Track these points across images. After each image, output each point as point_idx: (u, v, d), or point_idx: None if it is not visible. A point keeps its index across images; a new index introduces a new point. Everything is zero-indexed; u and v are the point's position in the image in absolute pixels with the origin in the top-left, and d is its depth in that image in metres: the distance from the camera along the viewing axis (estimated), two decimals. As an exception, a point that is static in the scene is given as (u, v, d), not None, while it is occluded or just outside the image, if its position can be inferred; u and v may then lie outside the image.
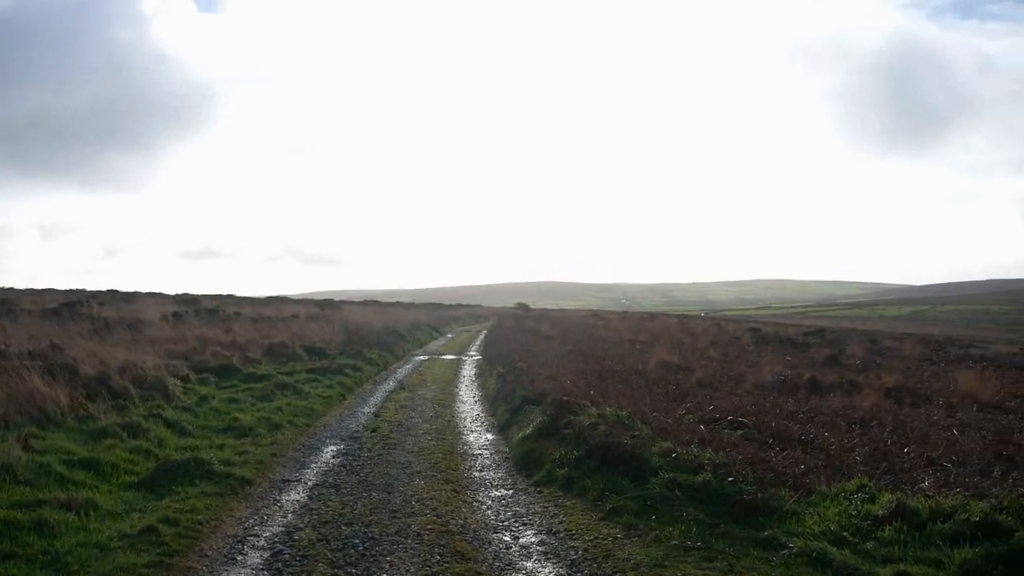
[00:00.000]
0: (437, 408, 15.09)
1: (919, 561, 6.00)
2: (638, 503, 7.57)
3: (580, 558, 6.43)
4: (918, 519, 6.67)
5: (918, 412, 13.88)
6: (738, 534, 6.70)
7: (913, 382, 18.24)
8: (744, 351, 27.76)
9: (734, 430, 11.23)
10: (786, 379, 17.57)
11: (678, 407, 13.09)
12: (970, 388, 16.58)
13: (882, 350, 29.40)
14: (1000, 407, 15.10)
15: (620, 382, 16.39)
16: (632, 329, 40.97)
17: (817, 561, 6.07)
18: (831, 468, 8.93)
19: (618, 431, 9.79)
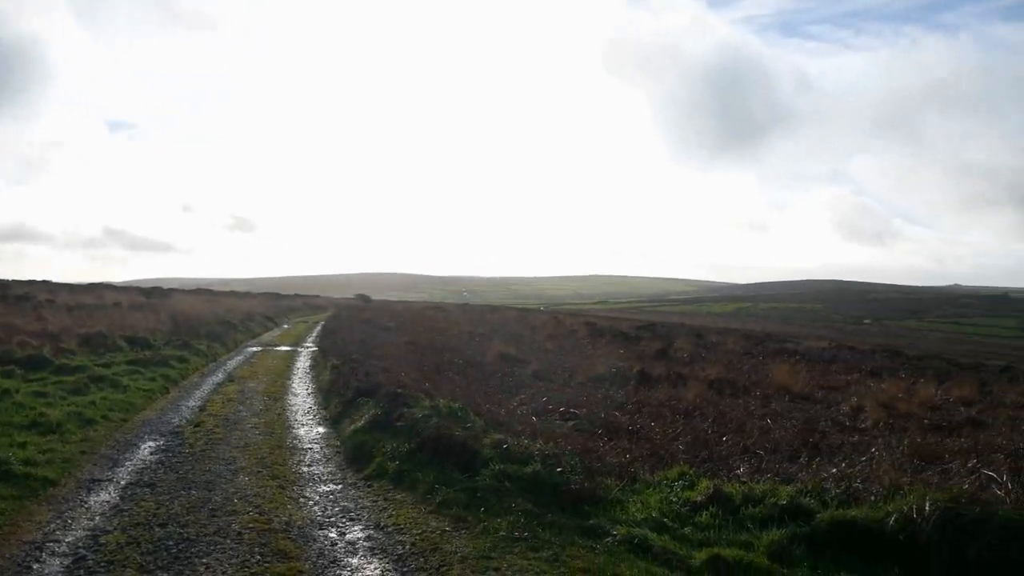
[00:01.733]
0: (267, 401, 14.57)
1: (732, 544, 6.29)
2: (468, 495, 7.55)
3: (407, 552, 6.33)
4: (732, 504, 7.00)
5: (737, 403, 14.66)
6: (565, 523, 6.80)
7: (734, 374, 19.27)
8: (580, 344, 28.49)
9: (566, 421, 11.46)
10: (618, 371, 18.12)
11: (512, 399, 13.23)
12: (784, 380, 17.70)
13: (708, 344, 30.95)
14: (809, 398, 16.20)
15: (457, 374, 16.41)
16: (473, 321, 41.24)
17: (639, 547, 6.25)
18: (655, 457, 9.25)
19: (451, 423, 9.75)
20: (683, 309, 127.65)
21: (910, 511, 5.99)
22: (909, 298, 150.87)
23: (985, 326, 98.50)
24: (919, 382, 19.73)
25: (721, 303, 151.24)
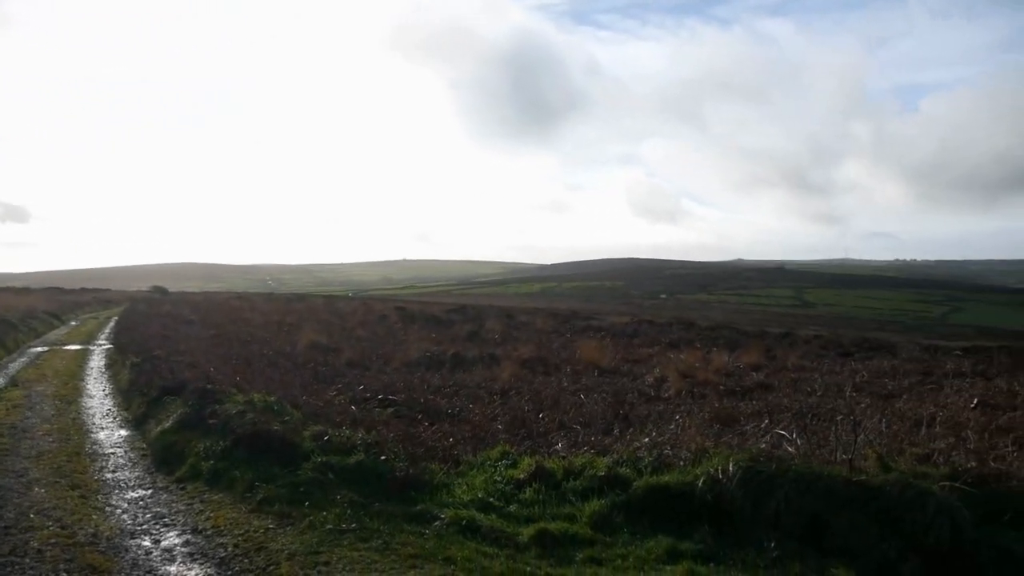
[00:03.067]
0: (60, 405, 13.47)
1: (556, 517, 6.52)
2: (291, 490, 7.37)
3: (230, 555, 6.09)
4: (554, 479, 7.24)
5: (550, 380, 15.14)
6: (392, 511, 6.79)
7: (545, 353, 19.86)
8: (392, 330, 28.35)
9: (385, 408, 11.39)
10: (433, 355, 18.21)
11: (329, 389, 12.98)
12: (592, 356, 18.46)
13: (518, 324, 31.67)
14: (616, 371, 16.99)
15: (268, 366, 15.88)
16: (279, 311, 39.98)
17: (467, 528, 6.34)
18: (477, 438, 9.40)
19: (268, 417, 9.45)
20: (491, 291, 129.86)
21: (716, 472, 6.44)
22: (699, 273, 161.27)
23: (765, 297, 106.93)
24: (713, 351, 21.20)
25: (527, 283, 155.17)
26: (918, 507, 5.84)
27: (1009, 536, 5.88)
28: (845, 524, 5.88)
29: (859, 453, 7.02)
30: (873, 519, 5.93)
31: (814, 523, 6.00)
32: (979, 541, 5.74)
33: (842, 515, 5.95)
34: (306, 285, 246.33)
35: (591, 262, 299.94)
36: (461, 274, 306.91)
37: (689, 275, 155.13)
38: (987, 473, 6.87)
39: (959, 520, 5.79)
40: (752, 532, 6.00)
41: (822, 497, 6.06)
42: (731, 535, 6.06)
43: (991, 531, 5.95)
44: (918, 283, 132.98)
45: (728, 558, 5.70)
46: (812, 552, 5.73)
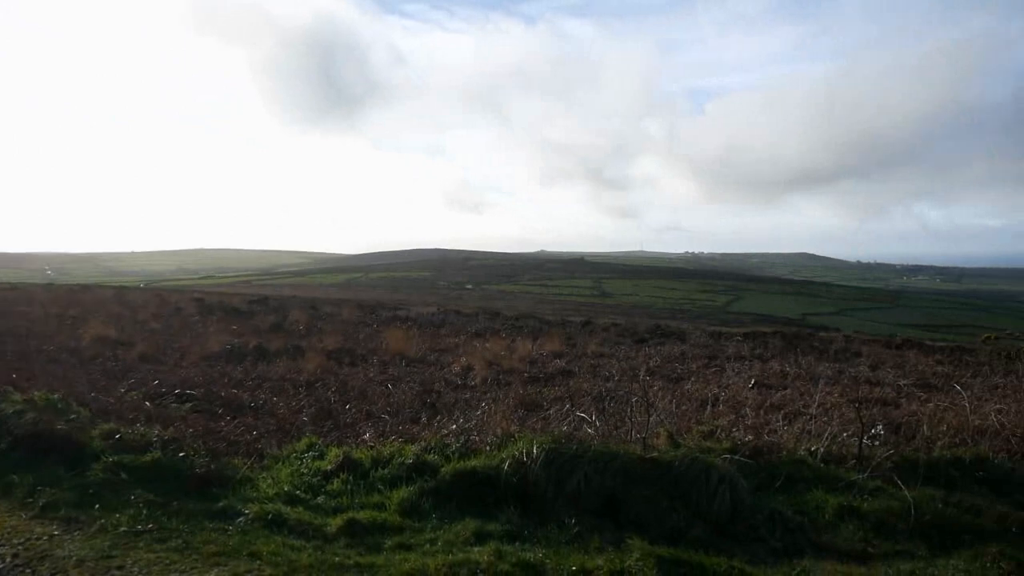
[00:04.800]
0: None
1: (365, 507, 6.52)
2: (78, 493, 6.89)
3: (9, 566, 5.63)
4: (363, 468, 7.23)
5: (357, 371, 15.03)
6: (193, 509, 6.52)
7: (352, 343, 19.66)
8: (189, 322, 26.99)
9: (183, 403, 10.89)
10: (233, 348, 17.55)
11: (120, 385, 12.22)
12: (399, 346, 18.48)
13: (323, 315, 31.07)
14: (423, 361, 17.10)
15: (50, 362, 14.71)
16: (61, 303, 36.95)
17: (273, 523, 6.21)
18: (282, 431, 9.21)
19: (51, 417, 8.76)
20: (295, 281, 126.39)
21: (521, 455, 6.68)
22: (504, 264, 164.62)
23: (567, 287, 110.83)
24: (517, 340, 21.81)
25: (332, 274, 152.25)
26: (703, 479, 6.34)
27: (779, 500, 6.52)
28: (639, 498, 6.28)
29: (652, 432, 7.51)
30: (664, 492, 6.37)
31: (612, 499, 6.37)
32: (755, 507, 6.31)
33: (637, 490, 6.35)
34: (92, 275, 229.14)
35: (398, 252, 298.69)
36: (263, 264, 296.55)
37: (495, 266, 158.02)
38: (762, 445, 7.57)
39: (738, 489, 6.34)
40: (555, 510, 6.28)
41: (619, 474, 6.43)
42: (536, 514, 6.30)
43: (765, 497, 6.57)
44: (705, 274, 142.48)
45: (533, 536, 5.94)
46: (610, 525, 6.08)
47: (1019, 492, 7.45)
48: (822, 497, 6.72)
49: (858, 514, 6.51)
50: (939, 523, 6.49)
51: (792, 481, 7.03)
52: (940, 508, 6.69)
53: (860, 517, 6.46)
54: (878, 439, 8.41)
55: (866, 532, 6.25)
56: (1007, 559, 5.79)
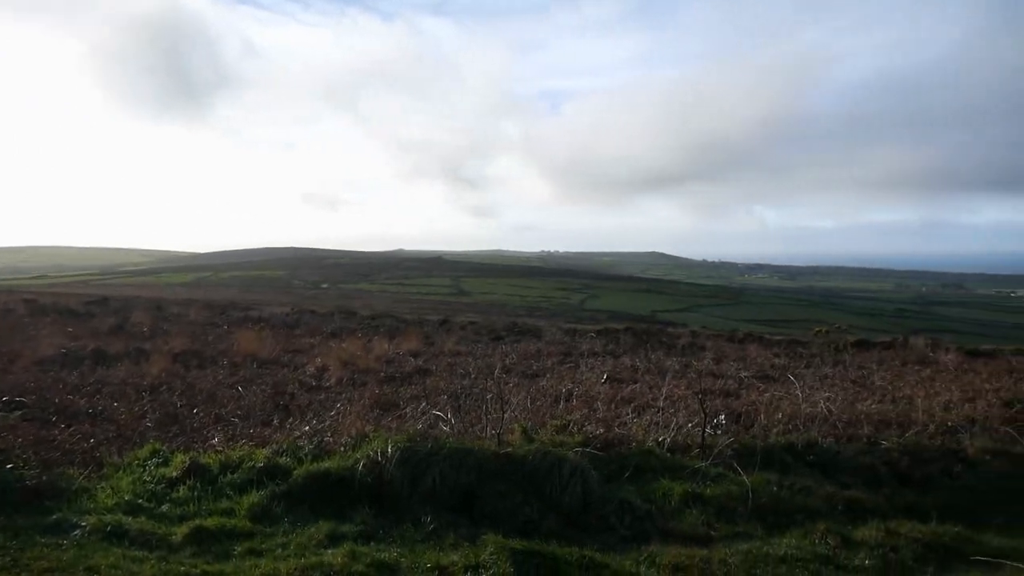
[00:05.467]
0: None
1: (213, 513, 6.29)
2: None
3: None
4: (211, 474, 6.97)
5: (205, 374, 14.46)
6: (23, 524, 6.10)
7: (200, 345, 18.89)
8: (19, 324, 25.18)
9: (11, 411, 10.16)
10: (69, 351, 16.53)
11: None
12: (251, 347, 17.91)
13: (169, 316, 29.71)
14: (277, 362, 16.66)
15: None
16: None
17: (113, 534, 5.90)
18: (123, 438, 8.76)
19: None
20: (139, 281, 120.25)
21: (375, 455, 6.62)
22: (361, 263, 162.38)
23: (425, 286, 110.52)
24: (374, 339, 21.57)
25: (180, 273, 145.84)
26: (556, 472, 6.49)
27: (628, 489, 6.76)
28: (494, 493, 6.36)
29: (507, 428, 7.61)
30: (518, 486, 6.47)
31: (467, 494, 6.42)
32: (606, 497, 6.51)
33: (492, 485, 6.43)
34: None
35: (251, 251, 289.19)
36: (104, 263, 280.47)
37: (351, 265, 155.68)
38: (612, 438, 7.82)
39: (589, 480, 6.53)
40: (411, 508, 6.26)
41: (474, 470, 6.49)
42: (391, 513, 6.27)
43: (615, 487, 6.79)
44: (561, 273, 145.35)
45: (388, 535, 5.90)
46: (465, 521, 6.13)
47: (844, 473, 8.02)
48: (668, 485, 7.01)
49: (702, 500, 6.83)
50: (774, 505, 6.91)
51: (641, 471, 7.30)
52: (775, 491, 7.12)
53: (703, 503, 6.79)
54: (720, 428, 8.86)
55: (709, 516, 6.58)
56: (833, 534, 6.23)
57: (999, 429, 9.90)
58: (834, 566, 5.77)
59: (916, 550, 6.14)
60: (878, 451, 8.58)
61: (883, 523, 6.57)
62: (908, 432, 9.30)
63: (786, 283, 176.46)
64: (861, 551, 6.04)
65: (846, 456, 8.32)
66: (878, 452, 8.56)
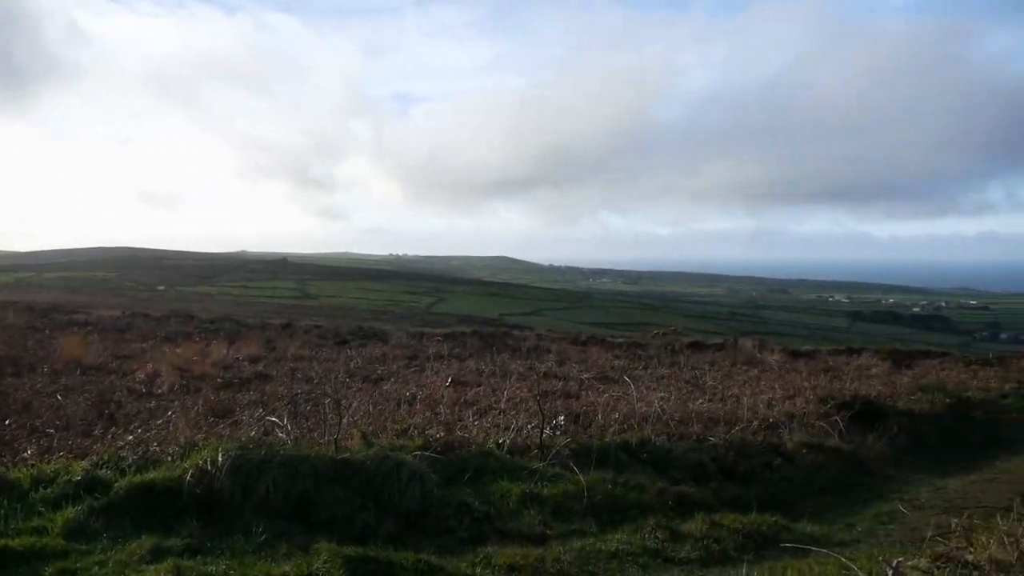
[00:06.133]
0: None
1: (22, 532, 5.84)
2: None
3: None
4: (20, 490, 6.47)
5: (22, 382, 13.46)
6: None
7: (17, 351, 17.58)
8: None
9: None
10: None
11: None
12: (75, 353, 16.81)
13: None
14: (103, 368, 15.72)
15: None
16: None
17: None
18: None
19: None
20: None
21: (205, 464, 6.34)
22: (202, 264, 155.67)
23: (269, 288, 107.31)
24: (212, 344, 20.70)
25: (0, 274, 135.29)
26: (394, 476, 6.44)
27: (467, 492, 6.79)
28: (330, 499, 6.23)
29: (346, 433, 7.48)
30: (356, 492, 6.37)
31: (303, 502, 6.26)
32: (444, 499, 6.52)
33: (329, 491, 6.30)
34: None
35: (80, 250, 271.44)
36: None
37: (190, 266, 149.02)
38: (453, 440, 7.83)
39: (428, 483, 6.51)
40: (242, 519, 6.04)
41: (310, 477, 6.34)
42: (221, 525, 6.02)
43: (454, 489, 6.81)
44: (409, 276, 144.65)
45: (217, 548, 5.66)
46: (300, 529, 5.97)
47: (676, 469, 8.39)
48: (507, 486, 7.10)
49: (539, 500, 6.96)
50: (609, 502, 7.13)
51: (481, 473, 7.35)
52: (610, 488, 7.35)
53: (541, 502, 6.92)
54: (560, 429, 9.05)
55: (545, 516, 6.70)
56: (662, 528, 6.50)
57: (815, 424, 10.61)
58: (662, 558, 6.02)
59: (737, 540, 6.50)
60: (706, 447, 9.00)
61: (708, 515, 6.91)
62: (734, 429, 9.79)
63: (628, 287, 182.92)
64: (687, 543, 6.33)
65: (677, 453, 8.69)
66: (706, 448, 8.98)
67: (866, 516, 7.92)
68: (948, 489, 9.30)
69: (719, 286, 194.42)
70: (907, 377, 16.43)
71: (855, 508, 8.32)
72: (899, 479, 9.78)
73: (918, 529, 6.68)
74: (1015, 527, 4.04)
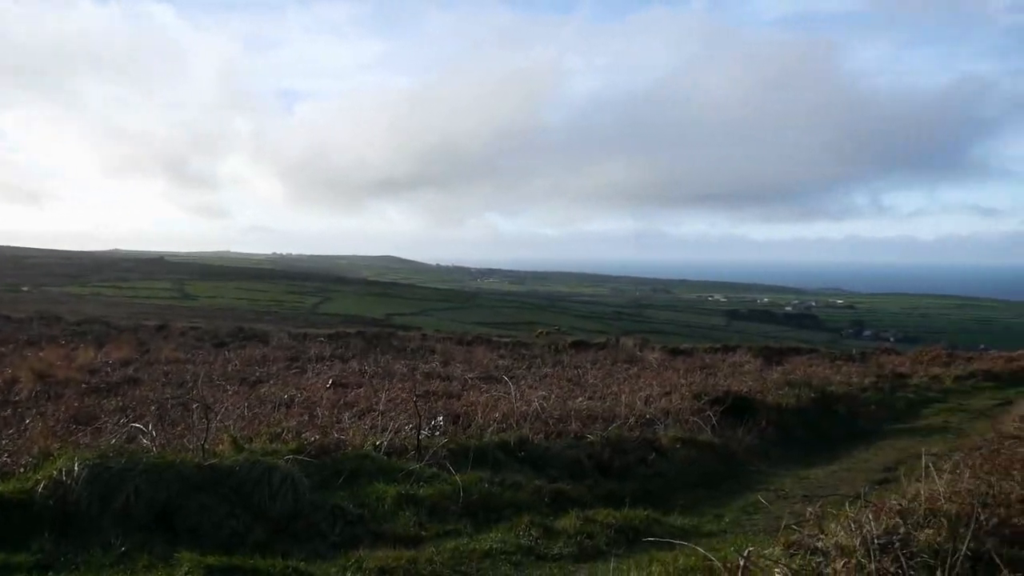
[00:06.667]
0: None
1: None
2: None
3: None
4: None
5: None
6: None
7: None
8: None
9: None
10: None
11: None
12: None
13: None
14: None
15: None
16: None
17: None
18: None
19: None
20: None
21: (59, 474, 6.01)
22: (70, 263, 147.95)
23: (145, 289, 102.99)
24: (80, 347, 19.71)
25: None
26: (265, 481, 6.27)
27: (341, 495, 6.69)
28: (196, 507, 6.02)
29: (216, 438, 7.25)
30: (225, 498, 6.18)
31: (167, 511, 6.02)
32: (317, 503, 6.39)
33: (194, 499, 6.08)
34: None
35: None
36: None
37: (58, 265, 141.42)
38: (329, 443, 7.71)
39: (300, 487, 6.38)
40: (101, 531, 5.76)
41: (175, 484, 6.10)
42: (78, 538, 5.72)
43: (328, 493, 6.69)
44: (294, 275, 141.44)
45: (71, 563, 5.38)
46: (163, 539, 5.73)
47: (553, 467, 8.49)
48: (383, 488, 7.02)
49: (415, 501, 6.91)
50: (485, 501, 7.15)
51: (356, 475, 7.25)
52: (486, 488, 7.38)
53: (417, 503, 6.88)
54: (439, 429, 9.02)
55: (421, 517, 6.67)
56: (536, 526, 6.57)
57: (689, 420, 10.94)
58: (535, 556, 6.08)
59: (610, 535, 6.63)
60: (584, 445, 9.15)
61: (583, 512, 7.02)
62: (612, 426, 9.98)
63: (515, 287, 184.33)
64: (561, 539, 6.41)
65: (555, 451, 8.80)
66: (584, 446, 9.12)
67: (734, 507, 8.22)
68: (811, 479, 9.76)
69: (604, 286, 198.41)
70: (777, 373, 17.13)
71: (725, 500, 8.62)
72: (767, 471, 10.20)
73: (781, 518, 6.96)
74: (860, 513, 4.26)
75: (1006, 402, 16.18)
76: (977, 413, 14.91)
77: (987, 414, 14.65)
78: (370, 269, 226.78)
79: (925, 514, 4.31)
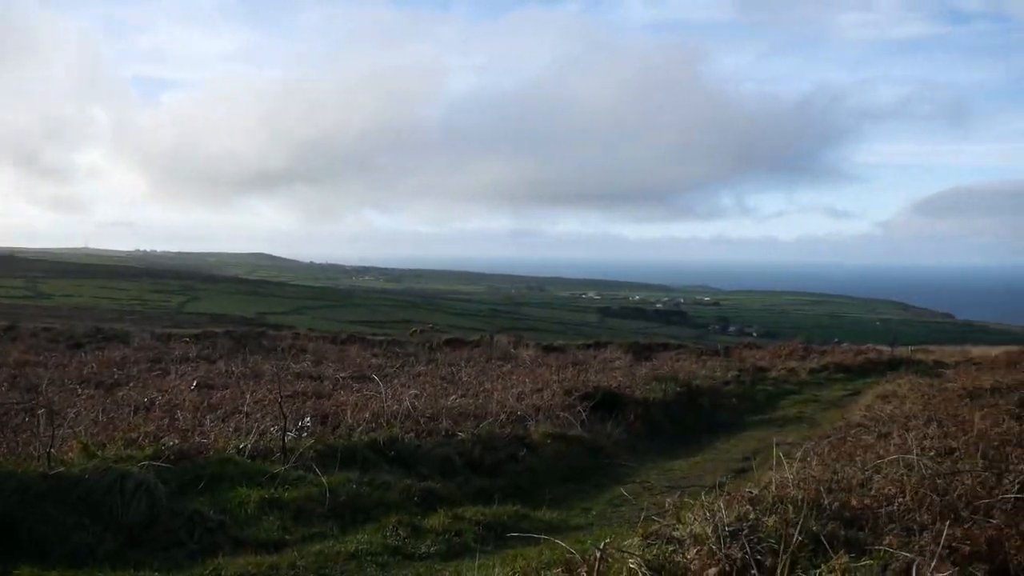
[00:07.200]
0: None
1: None
2: None
3: None
4: None
5: None
6: None
7: None
8: None
9: None
10: None
11: None
12: None
13: None
14: None
15: None
16: None
17: None
18: None
19: None
20: None
21: None
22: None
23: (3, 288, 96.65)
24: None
25: None
26: (117, 489, 5.98)
27: (201, 501, 6.45)
28: (41, 518, 5.67)
29: (65, 445, 6.86)
30: (73, 508, 5.86)
31: (7, 523, 5.65)
32: (175, 511, 6.14)
33: (38, 509, 5.74)
34: None
35: None
36: None
37: None
38: (189, 448, 7.42)
39: (156, 495, 6.12)
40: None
41: (15, 495, 5.75)
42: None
43: (187, 499, 6.44)
44: (158, 273, 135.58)
45: None
46: (2, 554, 5.38)
47: (424, 465, 8.46)
48: (246, 493, 6.82)
49: (280, 504, 6.75)
50: (353, 502, 7.06)
51: (218, 480, 7.01)
52: (354, 488, 7.28)
53: (281, 507, 6.71)
54: (306, 430, 8.82)
55: (285, 520, 6.51)
56: (404, 526, 6.53)
57: (560, 415, 11.11)
58: (403, 556, 6.04)
59: (478, 531, 6.66)
60: (455, 442, 9.15)
61: (452, 509, 7.02)
62: (483, 423, 10.03)
63: (391, 285, 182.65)
64: (429, 538, 6.40)
65: (425, 449, 8.76)
66: (455, 443, 9.13)
67: (601, 500, 8.40)
68: (675, 471, 10.10)
69: (481, 284, 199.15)
70: (646, 368, 17.61)
71: (592, 493, 8.81)
72: (634, 464, 10.48)
73: (645, 509, 7.18)
74: (714, 502, 4.42)
75: (855, 392, 17.18)
76: (829, 403, 15.79)
77: (838, 404, 15.53)
78: (241, 267, 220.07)
79: (774, 501, 4.52)
